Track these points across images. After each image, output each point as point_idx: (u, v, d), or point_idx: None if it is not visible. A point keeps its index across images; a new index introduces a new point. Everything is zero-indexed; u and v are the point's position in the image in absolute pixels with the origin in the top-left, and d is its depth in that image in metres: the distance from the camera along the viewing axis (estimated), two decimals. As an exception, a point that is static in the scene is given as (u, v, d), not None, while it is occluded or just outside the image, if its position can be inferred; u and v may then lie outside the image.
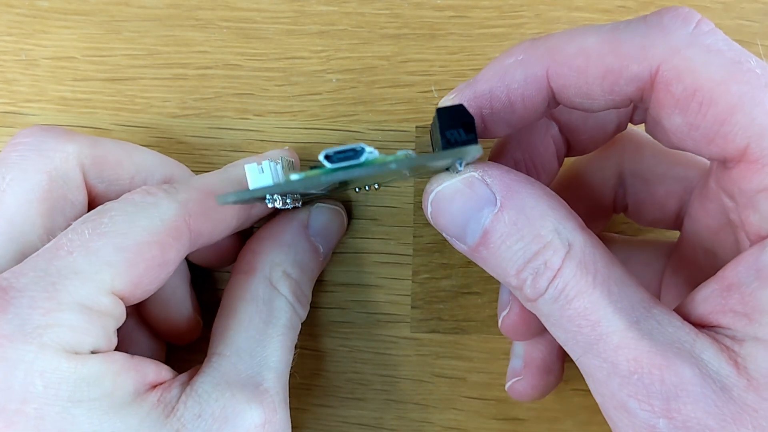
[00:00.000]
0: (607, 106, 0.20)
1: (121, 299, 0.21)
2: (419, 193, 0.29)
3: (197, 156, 0.29)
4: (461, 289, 0.29)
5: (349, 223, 0.29)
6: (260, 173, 0.20)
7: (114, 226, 0.20)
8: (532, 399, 0.28)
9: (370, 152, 0.18)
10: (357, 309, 0.30)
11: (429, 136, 0.24)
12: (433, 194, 0.21)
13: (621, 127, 0.24)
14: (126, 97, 0.30)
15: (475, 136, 0.18)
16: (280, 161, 0.21)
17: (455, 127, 0.18)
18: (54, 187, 0.23)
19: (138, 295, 0.21)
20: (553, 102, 0.20)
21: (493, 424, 0.30)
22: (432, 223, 0.21)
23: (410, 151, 0.19)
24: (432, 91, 0.29)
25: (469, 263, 0.29)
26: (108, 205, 0.21)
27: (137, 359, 0.21)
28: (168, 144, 0.29)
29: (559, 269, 0.19)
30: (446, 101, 0.21)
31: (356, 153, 0.18)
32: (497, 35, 0.29)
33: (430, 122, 0.22)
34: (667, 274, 0.26)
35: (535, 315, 0.20)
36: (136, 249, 0.20)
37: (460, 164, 0.20)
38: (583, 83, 0.19)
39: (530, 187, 0.20)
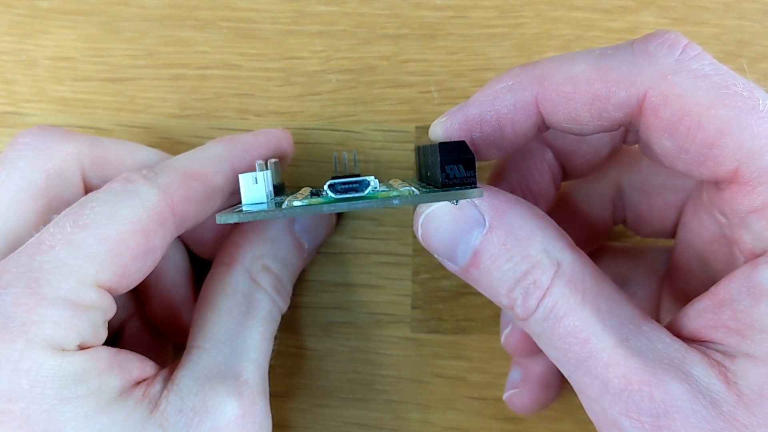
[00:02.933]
0: (596, 130, 0.20)
1: (108, 290, 0.21)
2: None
3: (197, 156, 0.29)
4: (461, 289, 0.29)
5: (339, 221, 0.29)
6: (254, 184, 0.20)
7: (95, 217, 0.20)
8: (529, 412, 0.28)
9: (374, 186, 0.19)
10: (357, 309, 0.30)
11: (416, 152, 0.24)
12: (423, 216, 0.21)
13: (615, 150, 0.24)
14: (126, 97, 0.30)
15: (474, 173, 0.19)
16: (269, 168, 0.21)
17: (455, 163, 0.19)
18: (51, 185, 0.23)
19: (126, 285, 0.21)
20: (543, 126, 0.20)
21: (493, 424, 0.30)
22: (423, 244, 0.21)
23: (413, 188, 0.19)
24: (432, 91, 0.29)
25: (469, 263, 0.29)
26: (89, 196, 0.21)
27: (122, 354, 0.21)
28: (168, 144, 0.29)
29: (548, 288, 0.19)
30: (437, 123, 0.21)
31: (361, 185, 0.19)
32: (497, 35, 0.29)
33: (429, 124, 0.22)
34: (665, 281, 0.27)
35: None
36: (119, 239, 0.20)
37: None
38: (572, 109, 0.19)
39: (518, 208, 0.20)
